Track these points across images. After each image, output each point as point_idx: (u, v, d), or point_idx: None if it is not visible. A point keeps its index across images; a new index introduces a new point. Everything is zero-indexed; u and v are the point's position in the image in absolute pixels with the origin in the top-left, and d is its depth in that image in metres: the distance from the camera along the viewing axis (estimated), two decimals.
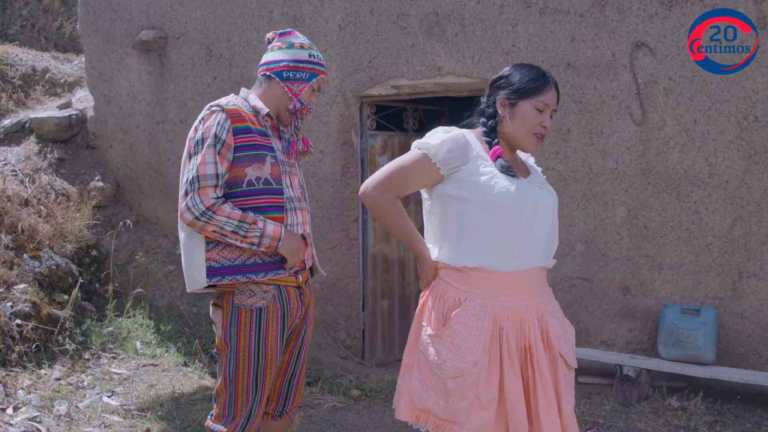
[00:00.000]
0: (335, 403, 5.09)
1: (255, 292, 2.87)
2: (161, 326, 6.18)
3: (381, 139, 6.29)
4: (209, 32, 6.78)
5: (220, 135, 2.79)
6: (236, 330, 2.87)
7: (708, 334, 4.77)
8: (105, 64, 7.55)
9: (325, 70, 3.08)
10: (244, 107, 2.93)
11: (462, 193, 2.49)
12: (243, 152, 2.83)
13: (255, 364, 2.86)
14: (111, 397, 4.96)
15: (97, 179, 7.34)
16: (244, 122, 2.86)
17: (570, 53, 5.19)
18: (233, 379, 2.88)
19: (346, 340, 6.24)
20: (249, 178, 2.83)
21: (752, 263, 4.82)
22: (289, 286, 2.95)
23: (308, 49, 3.02)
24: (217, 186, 2.78)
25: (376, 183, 2.55)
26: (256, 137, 2.87)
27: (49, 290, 5.85)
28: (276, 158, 2.90)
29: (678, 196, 4.97)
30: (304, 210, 3.05)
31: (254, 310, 2.86)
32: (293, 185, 3.00)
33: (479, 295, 2.49)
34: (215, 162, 2.78)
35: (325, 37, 6.13)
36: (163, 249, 7.02)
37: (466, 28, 5.52)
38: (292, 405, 3.16)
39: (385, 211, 2.57)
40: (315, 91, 3.05)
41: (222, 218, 2.75)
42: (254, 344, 2.86)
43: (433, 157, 2.51)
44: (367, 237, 6.18)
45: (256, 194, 2.86)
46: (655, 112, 4.99)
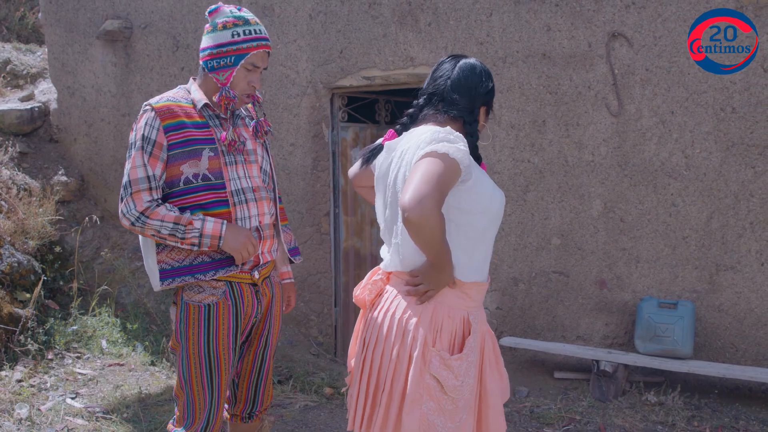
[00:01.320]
0: (307, 402, 4.96)
1: (204, 288, 2.75)
2: (128, 324, 6.01)
3: (353, 132, 6.16)
4: (176, 22, 6.60)
5: (149, 135, 2.67)
6: (185, 327, 2.77)
7: (685, 328, 4.72)
8: (68, 55, 7.34)
9: (262, 42, 2.77)
10: (183, 100, 2.78)
11: (470, 205, 2.36)
12: (177, 150, 2.69)
13: (207, 364, 2.75)
14: (75, 399, 4.79)
15: (60, 173, 7.13)
16: (176, 118, 2.70)
17: (545, 43, 5.10)
18: (187, 379, 2.78)
19: (318, 336, 6.12)
20: (186, 175, 2.70)
21: (729, 256, 4.76)
22: (243, 282, 2.82)
23: (232, 27, 2.74)
24: (151, 188, 2.66)
25: (428, 198, 2.16)
26: (191, 131, 2.71)
27: (10, 288, 5.65)
28: (216, 150, 2.73)
29: (655, 189, 4.91)
30: (262, 201, 2.88)
31: (203, 306, 2.74)
32: (248, 175, 2.84)
33: (476, 308, 2.46)
34: (144, 165, 2.66)
35: (295, 27, 5.98)
36: (129, 245, 6.84)
37: (439, 17, 5.41)
38: (261, 407, 3.04)
39: (439, 227, 2.21)
40: (253, 70, 2.78)
41: (156, 222, 2.64)
42: (204, 342, 2.74)
43: (464, 168, 2.28)
44: (338, 231, 6.06)
45: (196, 191, 2.72)
46: (631, 103, 4.92)
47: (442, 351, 2.32)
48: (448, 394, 2.32)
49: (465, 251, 2.38)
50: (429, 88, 2.51)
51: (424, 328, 2.33)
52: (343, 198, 6.07)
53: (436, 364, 2.31)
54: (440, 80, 2.49)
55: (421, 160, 2.25)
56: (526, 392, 5.07)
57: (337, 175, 6.03)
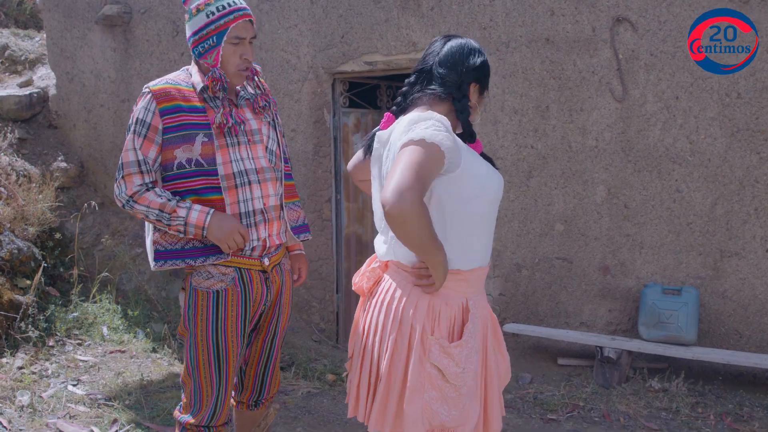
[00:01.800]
0: (310, 388, 4.95)
1: (213, 274, 2.73)
2: (129, 311, 5.99)
3: (354, 117, 6.12)
4: (175, 6, 6.54)
5: (144, 118, 2.66)
6: (193, 313, 2.74)
7: (689, 314, 4.70)
8: (67, 40, 7.29)
9: (239, 13, 2.70)
10: (184, 83, 2.74)
11: (463, 192, 2.28)
12: (171, 134, 2.67)
13: (215, 351, 2.72)
14: (76, 386, 4.77)
15: (60, 160, 7.09)
16: (172, 101, 2.68)
17: (549, 28, 5.05)
18: (195, 366, 2.75)
19: (320, 323, 6.10)
20: (179, 160, 2.68)
21: (734, 242, 4.74)
22: (252, 269, 2.78)
23: (205, 8, 2.69)
24: (142, 172, 2.66)
25: (407, 190, 2.08)
26: (186, 116, 2.68)
27: (10, 275, 5.62)
28: (210, 136, 2.69)
29: (659, 175, 4.87)
30: (266, 182, 2.82)
31: (211, 293, 2.72)
32: (251, 156, 2.79)
33: (476, 292, 2.42)
34: (135, 148, 2.66)
35: (296, 11, 5.93)
36: (130, 231, 6.81)
37: (442, 2, 5.36)
38: (267, 395, 3.02)
39: (423, 220, 2.12)
40: (239, 43, 2.71)
41: (143, 207, 2.64)
42: (212, 329, 2.72)
43: (446, 150, 2.19)
44: (340, 218, 6.03)
45: (189, 176, 2.69)
46: (636, 88, 4.88)
47: (441, 339, 2.29)
48: (450, 382, 2.28)
49: (462, 240, 2.32)
50: (418, 65, 2.46)
51: (421, 317, 2.29)
52: (345, 184, 6.03)
53: (435, 352, 2.28)
54: (429, 57, 2.43)
55: (401, 150, 2.18)
56: (529, 379, 5.05)
57: (339, 161, 5.99)
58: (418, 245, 2.19)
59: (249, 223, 2.76)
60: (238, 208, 2.74)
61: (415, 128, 2.20)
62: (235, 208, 2.73)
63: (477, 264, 2.37)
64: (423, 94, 2.40)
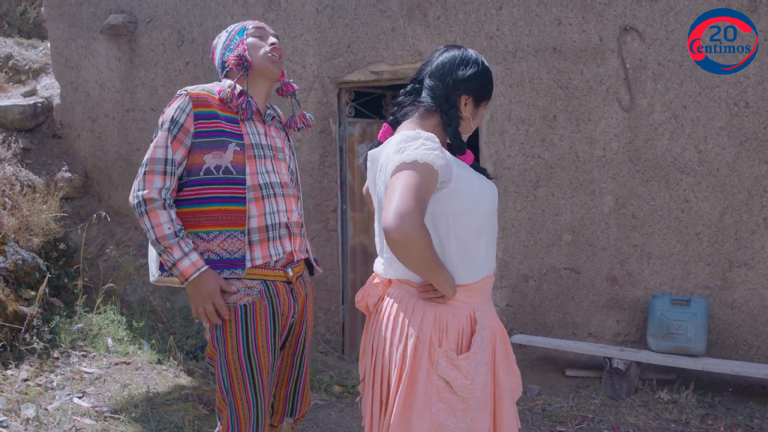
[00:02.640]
0: (317, 401, 4.92)
1: (238, 288, 2.65)
2: (134, 322, 5.96)
3: (360, 127, 6.10)
4: (181, 16, 6.54)
5: (178, 119, 2.63)
6: (222, 331, 2.65)
7: (698, 325, 4.67)
8: (71, 49, 7.28)
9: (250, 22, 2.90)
10: (218, 94, 2.74)
11: (457, 207, 2.26)
12: (203, 138, 2.64)
13: (248, 369, 2.63)
14: (82, 398, 4.74)
15: (64, 170, 7.08)
16: (209, 107, 2.67)
17: (556, 37, 5.04)
18: (229, 389, 2.65)
19: (326, 334, 6.07)
20: (207, 165, 2.64)
21: (742, 252, 4.71)
22: (278, 280, 2.73)
23: (223, 32, 2.93)
24: (165, 173, 2.61)
25: (408, 214, 2.06)
26: (222, 123, 2.67)
27: (15, 286, 5.59)
28: (242, 146, 2.67)
29: (667, 184, 4.85)
30: (290, 197, 2.83)
31: (239, 307, 2.64)
32: (275, 170, 2.79)
33: (483, 302, 2.39)
34: (166, 146, 2.61)
35: (302, 21, 5.92)
36: (135, 242, 6.79)
37: (448, 11, 5.34)
38: (299, 415, 2.94)
39: (425, 242, 2.11)
40: (263, 36, 2.84)
41: (147, 223, 2.58)
42: (243, 346, 2.63)
43: (439, 169, 2.17)
44: (346, 228, 6.01)
45: (215, 183, 2.64)
46: (643, 97, 4.86)
47: (449, 351, 2.25)
48: (458, 394, 2.25)
49: (461, 255, 2.29)
50: (414, 75, 2.44)
51: (428, 329, 2.26)
52: (351, 194, 6.01)
53: (443, 365, 2.24)
54: (424, 68, 2.41)
55: (394, 175, 2.16)
56: (537, 390, 5.02)
57: (345, 171, 5.97)
58: (422, 267, 2.17)
59: (275, 236, 2.72)
60: (265, 221, 2.70)
61: (405, 149, 2.17)
62: (261, 220, 2.69)
63: (481, 275, 2.34)
64: (414, 105, 2.38)
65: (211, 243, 2.65)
